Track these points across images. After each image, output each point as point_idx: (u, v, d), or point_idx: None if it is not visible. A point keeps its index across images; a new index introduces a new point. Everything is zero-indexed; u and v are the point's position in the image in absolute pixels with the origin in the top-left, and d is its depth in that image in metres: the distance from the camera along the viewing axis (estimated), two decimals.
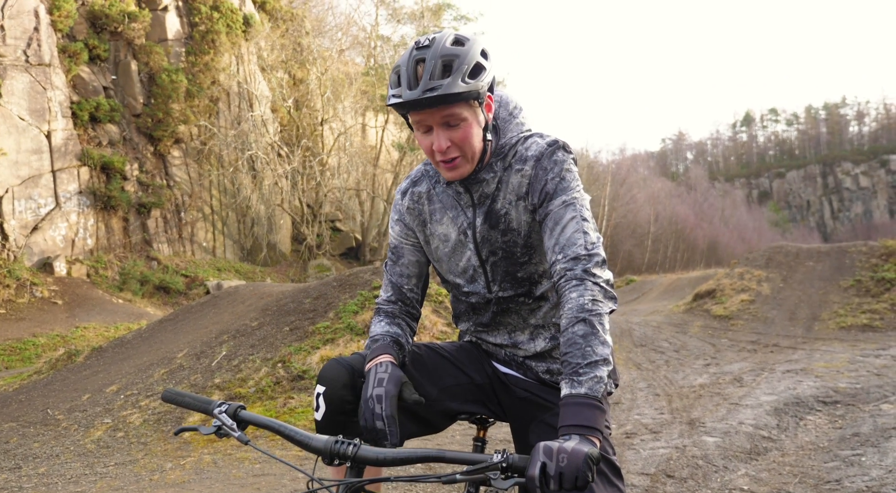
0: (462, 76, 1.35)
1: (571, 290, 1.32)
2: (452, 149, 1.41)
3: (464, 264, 1.58)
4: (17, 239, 16.29)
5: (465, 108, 1.38)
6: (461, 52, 1.36)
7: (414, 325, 1.67)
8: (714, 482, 3.93)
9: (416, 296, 1.67)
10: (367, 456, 1.16)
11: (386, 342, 1.53)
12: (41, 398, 6.75)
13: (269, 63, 24.63)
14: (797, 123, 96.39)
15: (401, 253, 1.66)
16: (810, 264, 13.35)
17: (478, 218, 1.53)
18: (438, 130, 1.39)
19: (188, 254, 20.96)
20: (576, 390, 1.21)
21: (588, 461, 1.05)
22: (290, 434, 1.21)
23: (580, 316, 1.27)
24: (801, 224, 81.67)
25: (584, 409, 1.18)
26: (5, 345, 12.58)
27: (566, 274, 1.35)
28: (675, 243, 52.13)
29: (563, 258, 1.37)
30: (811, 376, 6.85)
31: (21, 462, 4.85)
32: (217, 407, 1.28)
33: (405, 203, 1.64)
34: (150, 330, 9.10)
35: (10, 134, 16.51)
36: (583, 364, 1.22)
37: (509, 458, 1.08)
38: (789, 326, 10.82)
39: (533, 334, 1.61)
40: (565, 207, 1.42)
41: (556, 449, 1.06)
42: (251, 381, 5.86)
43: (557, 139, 1.51)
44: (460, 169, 1.44)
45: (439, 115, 1.37)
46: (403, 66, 1.37)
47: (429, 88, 1.33)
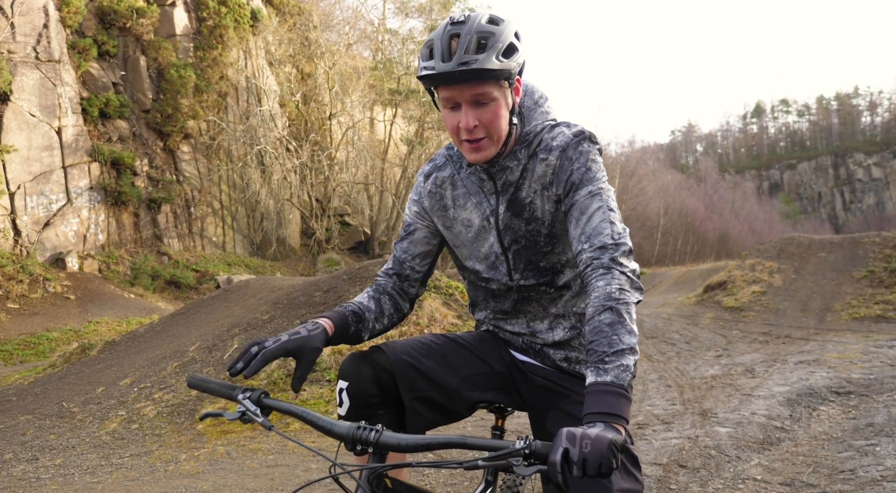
0: (497, 54, 1.34)
1: (598, 278, 1.31)
2: (479, 129, 1.40)
3: (486, 251, 1.58)
4: (29, 235, 16.43)
5: (496, 87, 1.38)
6: (496, 31, 1.36)
7: (403, 305, 1.67)
8: (727, 472, 3.92)
9: (417, 275, 1.67)
10: (390, 442, 1.15)
11: (343, 311, 1.52)
12: (56, 391, 6.83)
13: (277, 57, 24.65)
14: (808, 114, 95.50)
15: (412, 231, 1.66)
16: (822, 255, 13.25)
17: (501, 205, 1.53)
18: (467, 107, 1.38)
19: (198, 249, 21.07)
20: (601, 377, 1.18)
21: (612, 448, 1.03)
22: (312, 420, 1.22)
23: (607, 304, 1.25)
24: (813, 216, 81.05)
25: (609, 396, 1.15)
26: (19, 339, 12.72)
27: (593, 263, 1.33)
28: (684, 236, 51.88)
29: (589, 247, 1.36)
30: (824, 367, 6.81)
31: (38, 454, 4.91)
32: (241, 393, 1.28)
33: (427, 187, 1.63)
34: (162, 324, 9.17)
35: (22, 130, 16.63)
36: (609, 352, 1.20)
37: (532, 444, 1.06)
38: (801, 317, 10.75)
39: (552, 324, 1.60)
40: (591, 197, 1.41)
41: (580, 435, 1.03)
42: (263, 374, 5.89)
43: (584, 130, 1.50)
44: (485, 151, 1.43)
45: (469, 92, 1.36)
46: (438, 40, 1.36)
47: (463, 61, 1.32)
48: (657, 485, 3.70)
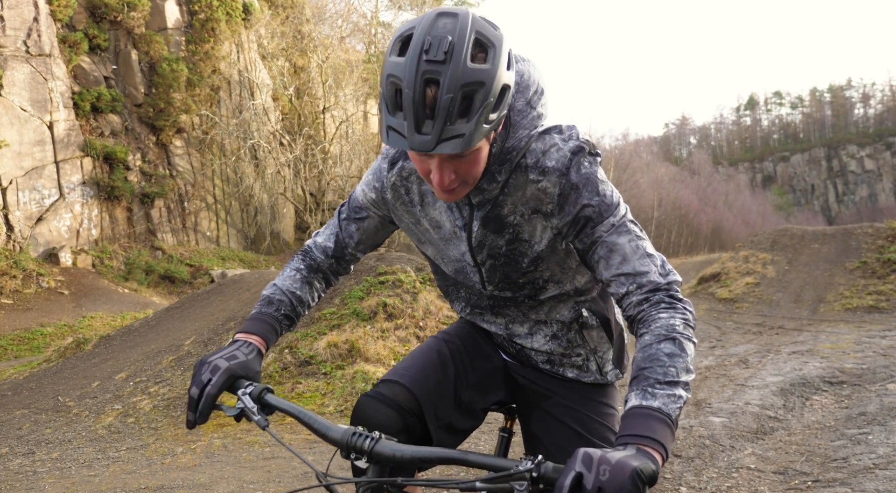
0: (486, 115, 1.05)
1: (660, 311, 1.16)
2: (455, 181, 1.16)
3: (455, 257, 1.41)
4: (22, 230, 16.34)
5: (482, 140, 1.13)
6: (486, 77, 1.03)
7: (333, 282, 1.57)
8: (721, 461, 3.95)
9: (354, 260, 1.57)
10: (384, 453, 1.05)
11: (274, 318, 1.41)
12: (51, 386, 6.81)
13: (270, 51, 24.51)
14: (802, 106, 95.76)
15: (363, 217, 1.49)
16: (816, 246, 13.32)
17: (475, 221, 1.32)
18: (441, 163, 1.13)
19: (192, 243, 21.01)
20: (647, 401, 1.02)
21: (637, 478, 0.86)
22: (309, 422, 1.14)
23: (670, 335, 1.11)
24: (806, 208, 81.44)
25: (652, 421, 0.99)
26: (14, 335, 12.66)
27: (650, 300, 1.18)
28: (678, 228, 52.04)
29: (638, 290, 1.19)
30: (817, 358, 6.87)
31: (34, 448, 4.90)
32: (242, 388, 1.22)
33: (391, 178, 1.40)
34: (156, 318, 9.15)
35: (13, 125, 16.51)
36: (662, 381, 1.05)
37: (542, 466, 0.91)
38: (795, 308, 10.82)
39: (532, 329, 1.48)
40: (617, 232, 1.22)
41: (598, 458, 0.88)
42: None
43: (581, 141, 1.25)
44: (458, 194, 1.20)
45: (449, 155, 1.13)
46: (408, 89, 1.01)
47: (445, 136, 1.03)
48: None
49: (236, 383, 1.23)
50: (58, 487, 3.97)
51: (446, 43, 1.01)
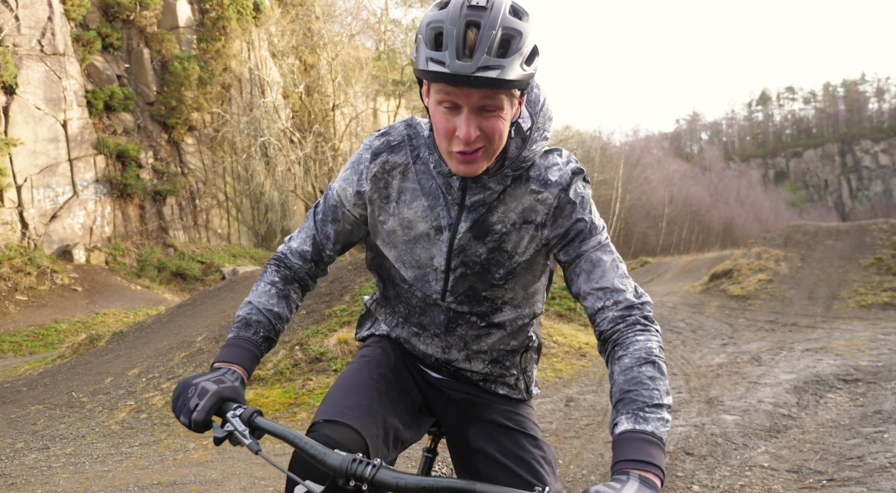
0: (521, 60, 1.12)
1: (637, 334, 1.21)
2: (479, 139, 1.18)
3: (422, 260, 1.38)
4: (36, 227, 16.50)
5: (507, 97, 1.16)
6: (523, 30, 1.12)
7: (308, 289, 1.52)
8: (734, 459, 3.92)
9: (331, 261, 1.52)
10: (387, 481, 1.03)
11: (253, 344, 1.36)
12: (65, 382, 6.88)
13: (280, 49, 24.57)
14: (815, 101, 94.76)
15: (339, 217, 1.45)
16: (829, 242, 13.19)
17: (463, 222, 1.32)
18: (470, 114, 1.16)
19: (203, 241, 21.13)
20: (640, 426, 1.06)
21: None
22: (304, 447, 1.11)
23: (649, 358, 1.16)
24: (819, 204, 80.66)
25: (647, 445, 1.03)
26: (28, 331, 12.81)
27: (626, 320, 1.24)
28: (689, 225, 51.71)
29: (614, 305, 1.26)
30: (831, 355, 6.80)
31: (49, 443, 4.95)
32: (231, 410, 1.19)
33: (373, 169, 1.38)
34: (168, 315, 9.21)
35: (27, 124, 16.66)
36: (650, 404, 1.10)
37: None
38: (808, 305, 10.73)
39: (469, 357, 1.48)
40: (602, 250, 1.30)
41: None
42: (270, 364, 5.92)
43: (580, 166, 1.36)
44: (477, 165, 1.22)
45: (479, 97, 1.14)
46: (451, 26, 1.11)
47: (484, 65, 1.09)
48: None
49: (224, 406, 1.20)
50: (72, 482, 4.01)
51: (483, 0, 1.13)
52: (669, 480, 3.61)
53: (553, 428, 4.78)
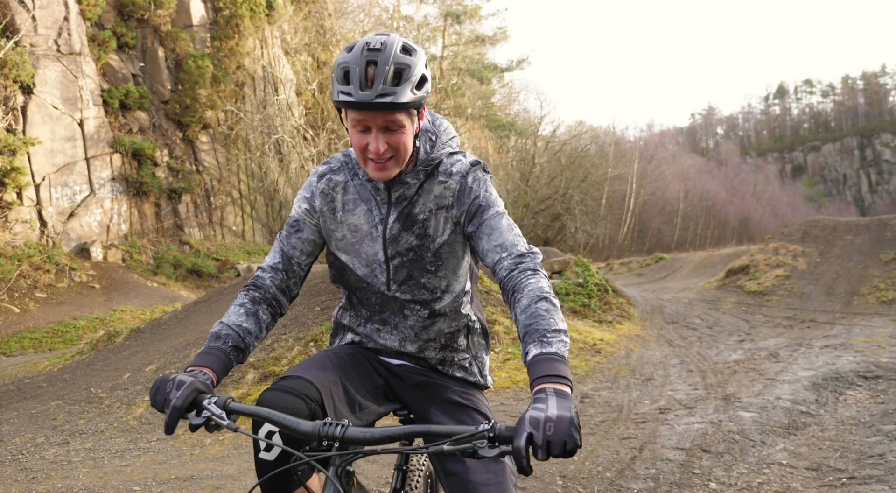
0: (411, 86, 1.42)
1: (528, 277, 1.42)
2: (388, 151, 1.47)
3: (368, 257, 1.64)
4: (54, 225, 16.71)
5: (406, 115, 1.46)
6: (411, 63, 1.42)
7: (281, 309, 1.66)
8: (751, 456, 3.88)
9: (302, 272, 1.69)
10: (356, 436, 1.19)
11: (222, 351, 1.49)
12: (84, 377, 6.96)
13: (293, 46, 24.64)
14: (833, 95, 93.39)
15: (301, 228, 1.69)
16: (849, 237, 13.01)
17: (391, 216, 1.60)
18: (378, 132, 1.45)
19: (218, 238, 21.28)
20: (546, 349, 1.26)
21: (573, 427, 1.07)
22: (278, 420, 1.24)
23: (542, 295, 1.37)
24: (838, 199, 79.56)
25: (556, 363, 1.22)
26: (48, 328, 12.98)
27: (518, 267, 1.45)
28: (705, 220, 51.25)
29: (508, 256, 1.48)
30: (851, 351, 6.71)
31: (69, 438, 5.02)
32: (206, 399, 1.30)
33: (320, 186, 1.68)
34: (185, 312, 9.29)
35: (45, 123, 16.86)
36: (549, 330, 1.29)
37: (496, 427, 1.09)
38: (827, 301, 10.59)
39: (422, 347, 1.70)
40: (499, 217, 1.55)
41: (543, 419, 1.08)
42: (284, 360, 5.95)
43: (479, 159, 1.64)
44: (389, 171, 1.50)
45: (383, 118, 1.43)
46: (355, 65, 1.41)
47: (382, 92, 1.39)
48: (680, 469, 3.69)
49: (199, 397, 1.30)
50: (92, 476, 4.06)
51: (380, 42, 1.44)
52: (686, 477, 3.58)
53: None
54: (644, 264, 22.77)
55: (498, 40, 37.20)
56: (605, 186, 38.56)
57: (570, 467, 3.83)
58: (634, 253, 36.34)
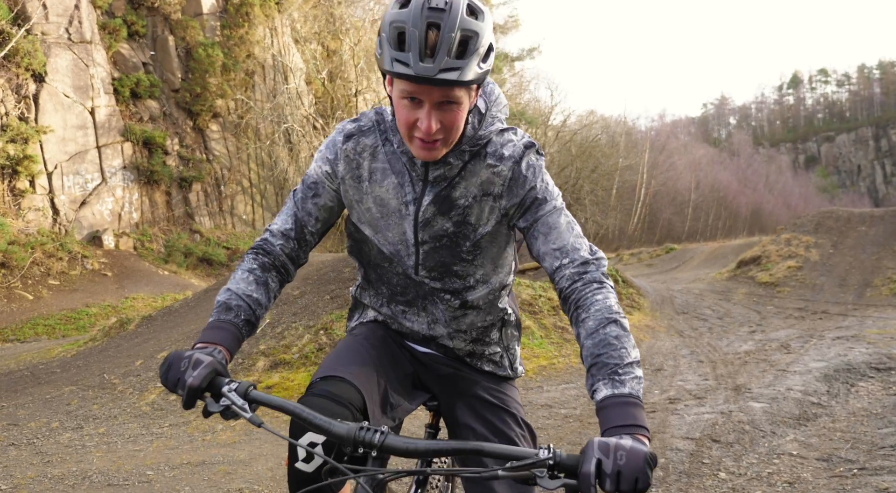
0: (478, 60, 1.22)
1: (594, 292, 1.28)
2: (440, 131, 1.28)
3: (395, 237, 1.46)
4: (67, 213, 16.84)
5: (465, 92, 1.27)
6: (479, 30, 1.21)
7: (289, 277, 1.52)
8: (762, 446, 3.87)
9: (314, 240, 1.54)
10: (396, 446, 1.07)
11: (235, 325, 1.36)
12: (97, 364, 7.04)
13: (303, 35, 24.59)
14: (849, 84, 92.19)
15: (319, 192, 1.50)
16: (862, 229, 12.88)
17: (426, 197, 1.41)
18: (431, 109, 1.25)
19: (229, 227, 21.38)
20: (619, 390, 1.13)
21: (648, 462, 0.98)
22: (307, 418, 1.12)
23: (611, 318, 1.23)
24: (851, 190, 78.74)
25: (630, 408, 1.11)
26: (61, 315, 13.12)
27: (582, 278, 1.30)
28: (716, 211, 50.92)
29: (570, 263, 1.32)
30: (863, 343, 6.66)
31: (83, 423, 5.08)
32: (226, 385, 1.17)
33: (346, 149, 1.47)
34: (196, 299, 9.35)
35: (57, 111, 16.95)
36: (622, 365, 1.16)
37: (557, 454, 0.99)
38: (839, 292, 10.51)
39: (452, 335, 1.56)
40: (557, 214, 1.38)
41: (614, 446, 0.98)
42: (294, 348, 5.98)
43: (531, 140, 1.44)
44: (437, 151, 1.32)
45: (440, 93, 1.23)
46: (412, 28, 1.18)
47: (445, 67, 1.18)
48: (690, 459, 3.69)
49: (217, 380, 1.18)
50: (105, 461, 4.11)
51: (445, 2, 1.20)
52: (696, 466, 3.58)
53: (577, 414, 4.77)
54: (654, 255, 22.68)
55: (509, 29, 36.97)
56: (615, 177, 38.37)
57: None
58: (645, 244, 36.20)
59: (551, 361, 6.53)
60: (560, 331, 7.44)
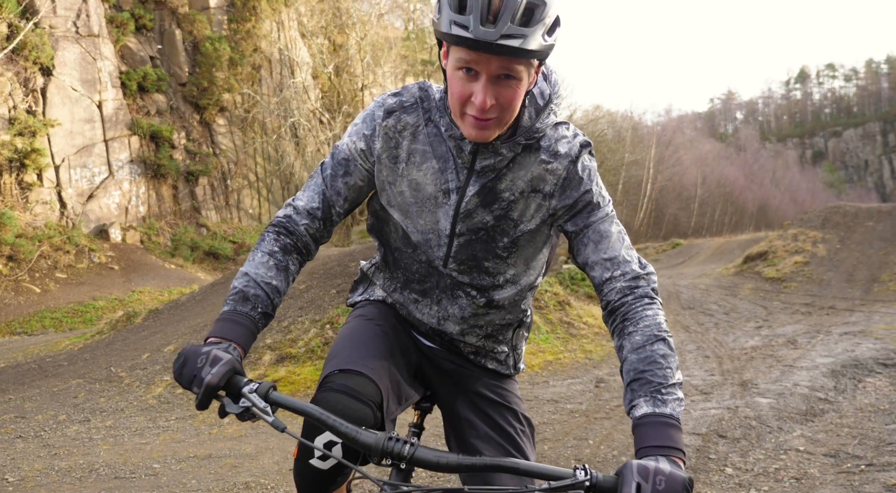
0: (544, 31, 1.14)
1: (645, 308, 1.24)
2: (494, 108, 1.19)
3: (428, 225, 1.38)
4: (74, 207, 16.91)
5: (526, 67, 1.18)
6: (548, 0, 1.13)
7: (310, 257, 1.44)
8: (768, 442, 3.86)
9: (339, 219, 1.45)
10: (427, 459, 1.04)
11: (251, 319, 1.28)
12: (104, 357, 7.07)
13: (310, 29, 24.56)
14: (856, 79, 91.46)
15: (351, 170, 1.41)
16: (870, 224, 12.81)
17: (471, 187, 1.33)
18: (488, 82, 1.16)
19: (235, 221, 21.43)
20: (659, 408, 1.10)
21: (686, 488, 0.96)
22: (333, 425, 1.06)
23: (660, 335, 1.19)
24: (859, 185, 78.25)
25: (669, 429, 1.07)
26: (68, 308, 13.19)
27: (634, 292, 1.26)
28: (722, 206, 50.71)
29: (621, 276, 1.27)
30: (870, 339, 6.63)
31: (90, 416, 5.11)
32: (246, 385, 1.10)
33: (386, 124, 1.37)
34: (202, 293, 9.39)
35: (65, 105, 17.00)
36: (665, 384, 1.13)
37: (594, 475, 0.98)
38: (846, 288, 10.46)
39: (465, 331, 1.49)
40: (609, 222, 1.32)
41: (653, 470, 0.97)
42: (301, 342, 6.00)
43: (587, 139, 1.38)
44: (490, 132, 1.23)
45: (499, 65, 1.14)
46: None
47: (508, 33, 1.10)
48: (696, 455, 3.68)
49: (235, 380, 1.11)
50: (112, 453, 4.14)
51: None
52: (702, 462, 3.57)
53: (583, 409, 4.77)
54: (660, 250, 22.62)
55: None
56: (621, 172, 38.24)
57: (585, 451, 3.83)
58: (651, 239, 36.10)
59: (557, 356, 6.53)
60: (566, 326, 7.44)
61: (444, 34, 1.14)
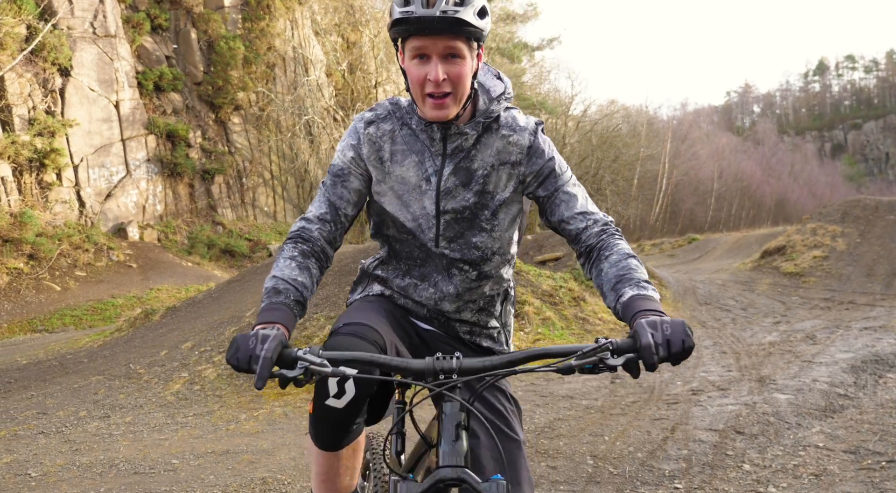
0: (474, 11, 1.37)
1: (617, 240, 1.46)
2: (447, 83, 1.41)
3: (416, 212, 1.56)
4: (92, 206, 17.13)
5: (467, 46, 1.40)
6: None
7: (328, 262, 1.56)
8: (787, 438, 3.82)
9: (347, 222, 1.60)
10: (474, 366, 1.18)
11: (287, 306, 1.38)
12: (123, 354, 7.16)
13: (323, 27, 24.63)
14: (877, 70, 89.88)
15: (347, 178, 1.59)
16: (891, 217, 12.60)
17: (446, 168, 1.54)
18: (438, 60, 1.39)
19: (251, 218, 21.58)
20: (643, 292, 1.30)
21: (687, 328, 1.14)
22: (385, 363, 1.19)
23: (632, 254, 1.41)
24: (879, 178, 76.96)
25: (654, 303, 1.27)
26: (87, 305, 13.38)
27: (606, 231, 1.48)
28: (739, 201, 50.16)
29: (594, 223, 1.50)
30: (891, 334, 6.53)
31: (109, 412, 5.18)
32: (295, 351, 1.18)
33: (369, 132, 1.59)
34: (219, 291, 9.47)
35: (82, 105, 17.21)
36: (643, 280, 1.34)
37: (614, 341, 1.14)
38: (867, 282, 10.30)
39: (461, 308, 1.64)
40: (575, 185, 1.56)
41: (658, 322, 1.15)
42: (316, 338, 6.03)
43: (539, 119, 1.60)
44: (447, 109, 1.44)
45: (443, 44, 1.37)
46: None
47: (445, 9, 1.34)
48: (713, 451, 3.65)
49: (285, 352, 1.18)
50: (132, 449, 4.19)
51: None
52: (719, 458, 3.54)
53: (598, 405, 4.75)
54: (676, 245, 22.44)
55: (528, 17, 36.67)
56: (636, 167, 37.95)
57: (600, 447, 3.82)
58: (666, 234, 35.81)
59: None
60: (581, 322, 7.41)
61: (395, 21, 1.37)
